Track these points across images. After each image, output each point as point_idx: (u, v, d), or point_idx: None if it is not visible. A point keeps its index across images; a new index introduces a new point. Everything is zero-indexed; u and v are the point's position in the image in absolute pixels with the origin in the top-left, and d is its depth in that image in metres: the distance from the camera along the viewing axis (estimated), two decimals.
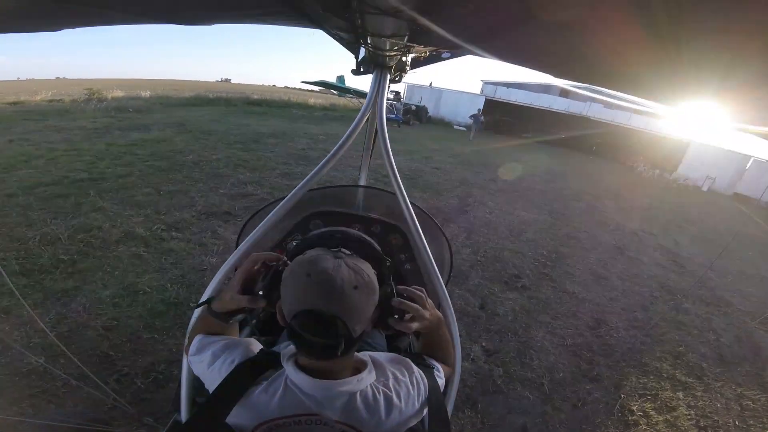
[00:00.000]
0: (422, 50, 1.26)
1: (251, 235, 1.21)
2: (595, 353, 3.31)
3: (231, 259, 1.17)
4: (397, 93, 22.84)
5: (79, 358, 2.08)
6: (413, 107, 21.18)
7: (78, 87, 16.76)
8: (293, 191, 1.25)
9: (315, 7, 0.91)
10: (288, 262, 0.84)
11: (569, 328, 3.61)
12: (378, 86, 1.36)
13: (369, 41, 1.08)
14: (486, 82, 25.91)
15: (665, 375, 3.17)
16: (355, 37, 1.14)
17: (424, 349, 1.08)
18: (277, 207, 1.25)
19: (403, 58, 1.35)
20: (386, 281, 0.88)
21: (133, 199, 4.54)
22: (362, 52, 1.35)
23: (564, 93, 25.23)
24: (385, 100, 1.40)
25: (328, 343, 0.70)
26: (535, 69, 1.06)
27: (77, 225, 3.79)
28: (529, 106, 25.02)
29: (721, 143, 18.90)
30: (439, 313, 1.04)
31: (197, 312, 1.04)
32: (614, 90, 1.11)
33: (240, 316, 0.93)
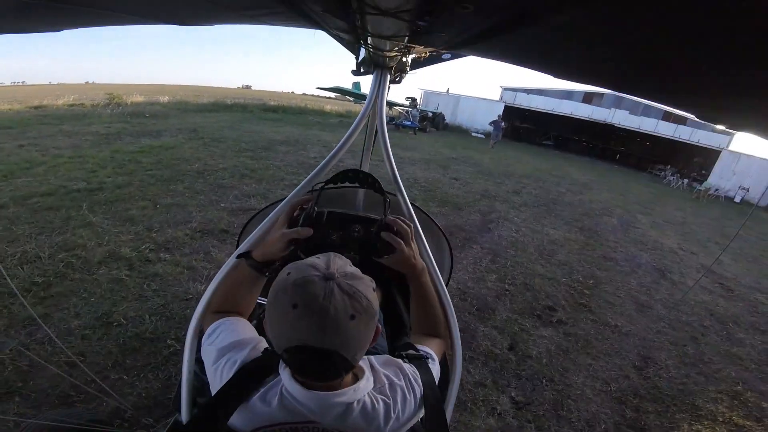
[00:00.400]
0: (422, 51, 1.26)
1: (252, 235, 1.17)
2: (643, 398, 2.88)
3: (230, 262, 1.13)
4: (413, 99, 22.49)
5: (35, 397, 2.02)
6: (429, 114, 20.72)
7: (103, 92, 17.09)
8: (293, 192, 1.24)
9: (315, 8, 0.91)
10: (315, 208, 0.95)
11: (613, 369, 3.14)
12: (378, 87, 1.37)
13: (369, 42, 1.08)
14: (505, 89, 25.48)
15: (721, 419, 2.78)
16: (355, 37, 1.15)
17: (415, 314, 1.10)
18: (278, 208, 1.21)
19: (404, 59, 1.36)
20: (386, 211, 1.03)
21: (126, 213, 4.19)
22: (362, 53, 1.38)
23: (587, 99, 24.55)
24: (385, 101, 1.41)
25: (326, 373, 0.68)
26: (535, 69, 1.04)
27: (61, 242, 3.45)
28: (550, 113, 24.31)
29: (754, 151, 17.99)
30: (423, 263, 1.07)
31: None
32: (616, 91, 1.11)
33: (276, 265, 0.95)
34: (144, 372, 2.26)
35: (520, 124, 26.40)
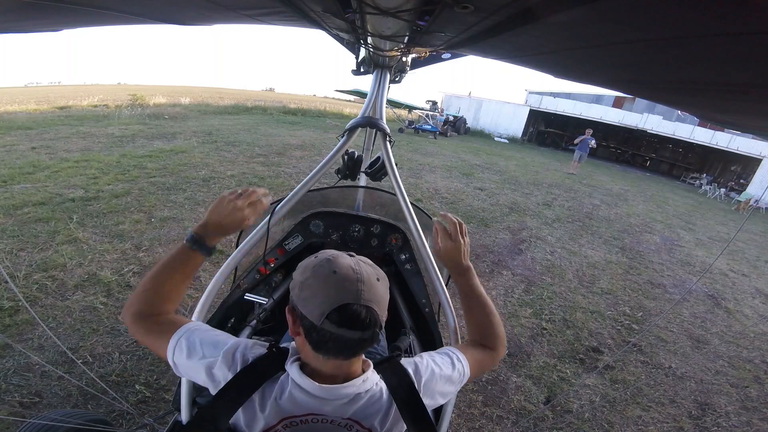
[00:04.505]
0: (422, 50, 1.28)
1: (251, 235, 1.18)
2: None
3: (231, 260, 1.14)
4: (434, 102, 21.95)
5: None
6: (451, 118, 20.15)
7: (131, 92, 17.36)
8: (293, 191, 1.24)
9: (315, 8, 0.91)
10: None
11: (666, 420, 2.71)
12: (378, 86, 1.39)
13: (369, 41, 1.10)
14: (531, 92, 24.64)
15: None
16: (355, 37, 1.17)
17: (466, 319, 1.06)
18: (278, 207, 1.22)
19: (404, 59, 1.39)
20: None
21: (117, 227, 3.83)
22: (362, 52, 1.44)
23: (618, 103, 23.46)
24: (384, 101, 1.42)
25: (363, 336, 0.70)
26: (535, 69, 1.04)
27: (40, 261, 3.10)
28: (578, 117, 23.30)
29: None
30: (470, 264, 1.05)
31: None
32: (616, 90, 1.14)
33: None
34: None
35: (546, 128, 25.58)
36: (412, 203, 1.30)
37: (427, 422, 0.79)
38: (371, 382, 0.77)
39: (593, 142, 12.47)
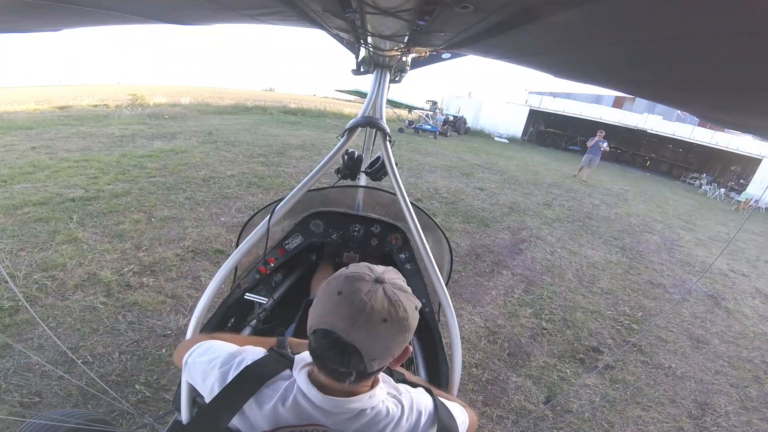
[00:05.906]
0: (422, 50, 1.29)
1: (251, 235, 1.19)
2: None
3: (231, 260, 1.16)
4: (434, 102, 21.93)
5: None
6: (451, 117, 20.13)
7: (130, 93, 17.34)
8: (293, 191, 1.24)
9: (315, 7, 0.91)
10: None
11: (666, 420, 2.71)
12: (378, 86, 1.41)
13: (369, 41, 1.12)
14: (531, 92, 24.65)
15: None
16: (355, 37, 1.20)
17: None
18: (278, 207, 1.23)
19: (404, 58, 1.41)
20: None
21: (117, 227, 3.83)
22: (362, 52, 1.48)
23: (617, 103, 23.47)
24: (385, 100, 1.43)
25: (342, 371, 0.68)
26: (535, 69, 1.04)
27: (40, 261, 3.11)
28: (578, 117, 23.30)
29: None
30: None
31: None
32: (616, 90, 1.17)
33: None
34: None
35: (546, 128, 25.57)
36: (412, 203, 1.31)
37: None
38: (378, 399, 0.75)
39: (605, 144, 11.72)
